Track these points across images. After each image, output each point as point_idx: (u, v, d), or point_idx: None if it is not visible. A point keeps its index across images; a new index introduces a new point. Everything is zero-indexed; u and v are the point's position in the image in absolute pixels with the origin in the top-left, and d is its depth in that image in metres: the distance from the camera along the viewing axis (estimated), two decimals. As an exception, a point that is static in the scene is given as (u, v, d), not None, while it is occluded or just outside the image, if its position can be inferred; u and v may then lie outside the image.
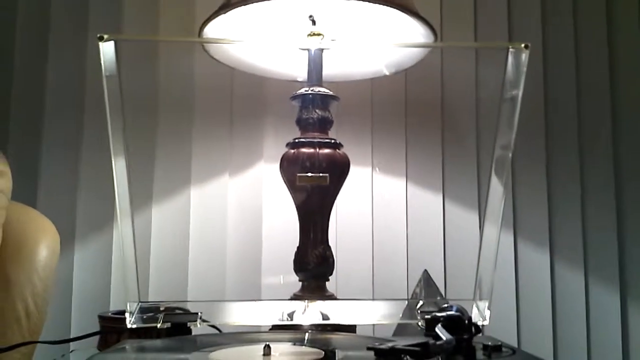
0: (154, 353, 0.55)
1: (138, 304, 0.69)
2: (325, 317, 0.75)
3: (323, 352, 0.51)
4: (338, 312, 0.75)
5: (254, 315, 0.73)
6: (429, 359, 0.43)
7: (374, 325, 0.86)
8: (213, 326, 0.69)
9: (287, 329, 0.72)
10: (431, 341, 0.44)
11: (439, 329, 0.55)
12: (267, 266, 0.96)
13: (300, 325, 0.72)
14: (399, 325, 0.74)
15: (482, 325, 0.72)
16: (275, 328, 0.74)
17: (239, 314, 0.72)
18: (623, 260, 1.02)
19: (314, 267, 0.81)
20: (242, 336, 0.64)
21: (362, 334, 0.74)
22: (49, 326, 0.83)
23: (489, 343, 0.58)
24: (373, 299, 0.94)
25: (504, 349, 0.58)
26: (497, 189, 0.78)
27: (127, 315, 0.65)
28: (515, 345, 0.96)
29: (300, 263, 0.81)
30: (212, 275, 0.95)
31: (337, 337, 0.64)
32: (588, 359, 0.98)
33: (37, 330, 0.79)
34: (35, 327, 0.78)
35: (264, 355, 0.49)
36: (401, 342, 0.43)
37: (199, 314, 0.68)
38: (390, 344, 0.41)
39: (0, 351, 0.69)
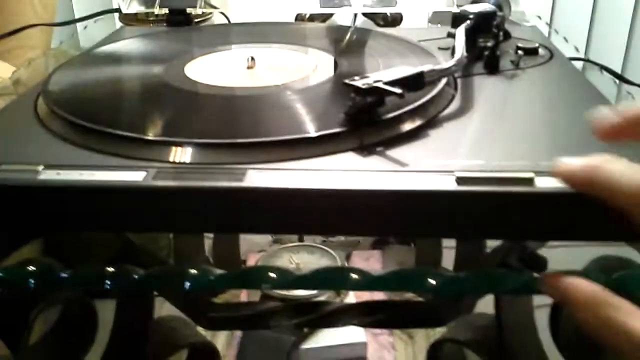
0: (127, 55, 0.50)
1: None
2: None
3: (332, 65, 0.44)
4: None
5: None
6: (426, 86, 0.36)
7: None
8: (222, 13, 0.63)
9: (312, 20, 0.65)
10: (428, 68, 0.36)
11: (458, 34, 0.46)
12: None
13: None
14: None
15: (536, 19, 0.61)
16: (300, 19, 0.67)
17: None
18: None
19: None
20: (250, 29, 0.57)
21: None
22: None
23: (523, 45, 0.49)
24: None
25: (541, 53, 0.49)
26: None
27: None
28: (583, 50, 0.83)
29: None
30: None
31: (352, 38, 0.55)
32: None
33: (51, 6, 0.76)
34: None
35: (247, 67, 0.44)
36: (396, 72, 0.35)
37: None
38: (375, 78, 0.34)
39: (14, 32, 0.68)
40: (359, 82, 0.34)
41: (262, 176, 0.29)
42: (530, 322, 0.46)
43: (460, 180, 0.28)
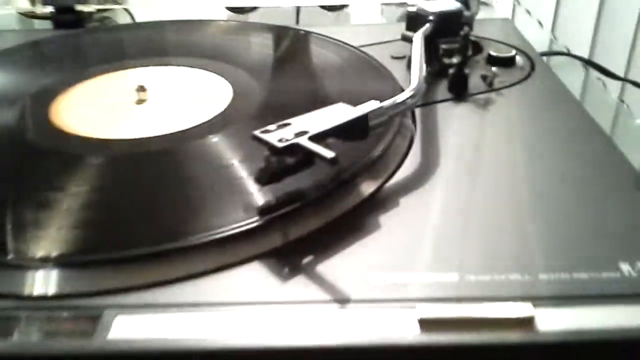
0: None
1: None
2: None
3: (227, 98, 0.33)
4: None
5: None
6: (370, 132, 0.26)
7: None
8: (126, 10, 0.50)
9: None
10: (374, 106, 0.26)
11: (415, 46, 0.35)
12: None
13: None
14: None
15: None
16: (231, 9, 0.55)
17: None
18: None
19: None
20: (152, 34, 0.45)
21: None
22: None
23: (497, 54, 0.39)
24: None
25: (518, 62, 0.39)
26: None
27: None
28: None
29: None
30: None
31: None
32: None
33: None
34: None
35: (136, 102, 0.33)
36: (329, 115, 0.25)
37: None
38: (297, 129, 0.24)
39: None
40: (273, 136, 0.23)
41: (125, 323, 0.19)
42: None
43: (424, 324, 0.18)
